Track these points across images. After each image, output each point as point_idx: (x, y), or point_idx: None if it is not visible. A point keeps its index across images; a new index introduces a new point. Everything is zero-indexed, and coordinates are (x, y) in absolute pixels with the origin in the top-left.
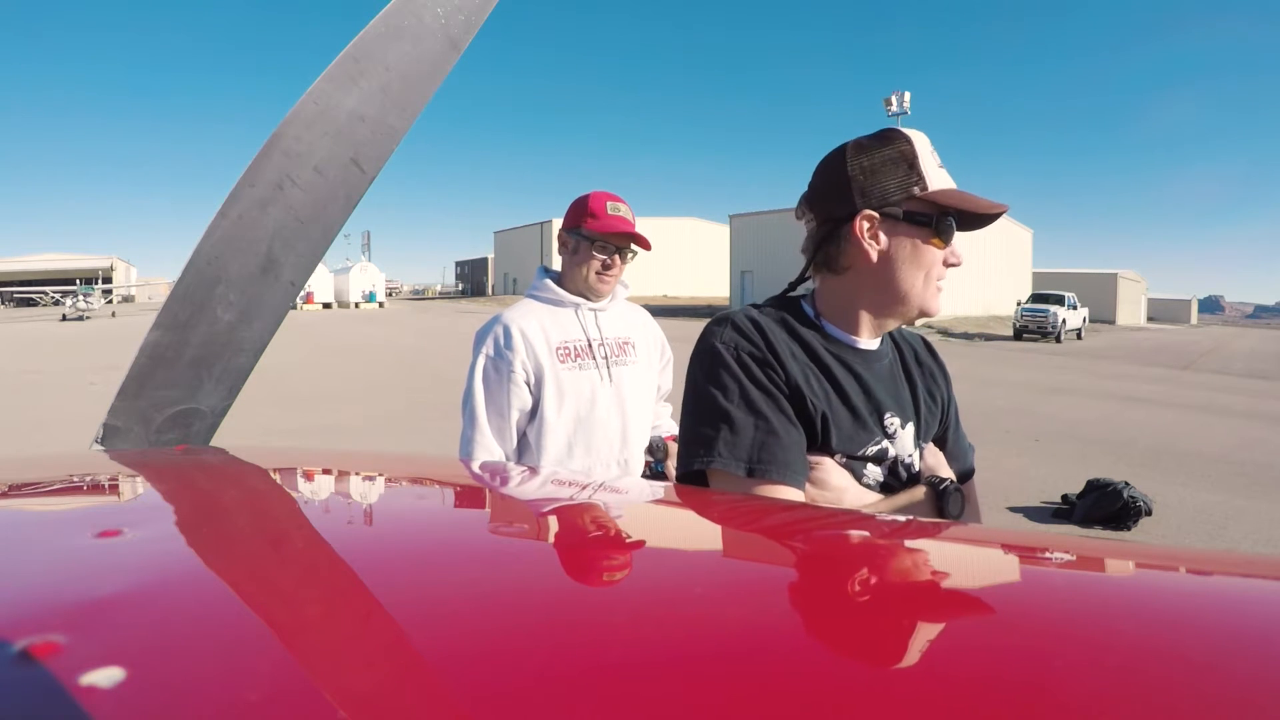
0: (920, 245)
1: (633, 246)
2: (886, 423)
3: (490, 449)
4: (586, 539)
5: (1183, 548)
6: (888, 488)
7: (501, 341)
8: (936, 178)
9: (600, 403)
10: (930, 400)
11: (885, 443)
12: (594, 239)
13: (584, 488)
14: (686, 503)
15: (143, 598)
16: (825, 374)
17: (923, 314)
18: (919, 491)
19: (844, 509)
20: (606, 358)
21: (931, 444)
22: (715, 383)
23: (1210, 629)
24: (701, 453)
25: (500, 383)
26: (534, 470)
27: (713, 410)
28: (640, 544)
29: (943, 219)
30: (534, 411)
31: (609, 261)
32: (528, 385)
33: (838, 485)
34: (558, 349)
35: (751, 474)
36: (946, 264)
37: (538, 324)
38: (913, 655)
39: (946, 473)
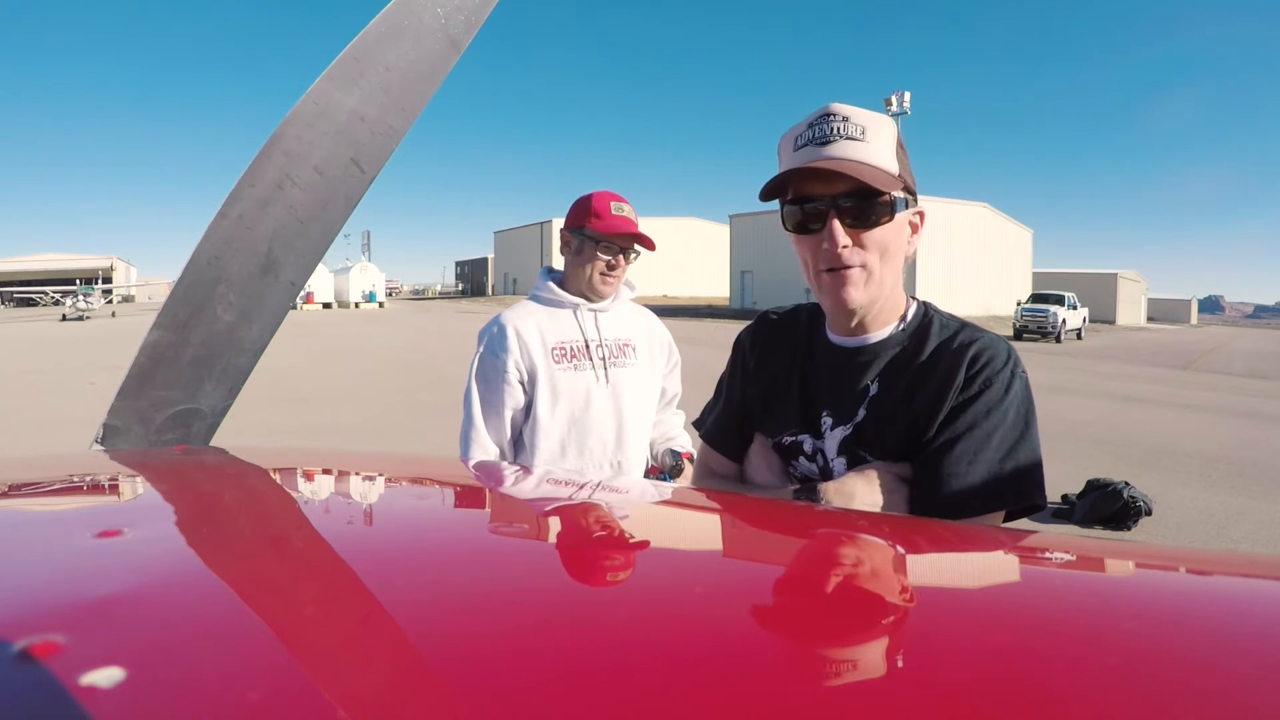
0: (792, 239)
1: (636, 247)
2: (822, 420)
3: (485, 446)
4: (579, 539)
5: (1183, 548)
6: (807, 481)
7: (496, 341)
8: (787, 163)
9: (595, 404)
10: (901, 407)
11: (805, 437)
12: (599, 239)
13: (578, 488)
14: (677, 502)
15: (143, 598)
16: (787, 364)
17: (832, 309)
18: (785, 492)
19: (852, 509)
20: (604, 359)
21: (876, 464)
22: None
23: (1210, 629)
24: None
25: (495, 381)
26: (531, 471)
27: None
28: (632, 543)
29: (784, 206)
30: (528, 411)
31: (613, 262)
32: (522, 385)
33: (751, 460)
34: (554, 349)
35: (697, 427)
36: (826, 251)
37: (534, 324)
38: (913, 655)
39: (841, 493)
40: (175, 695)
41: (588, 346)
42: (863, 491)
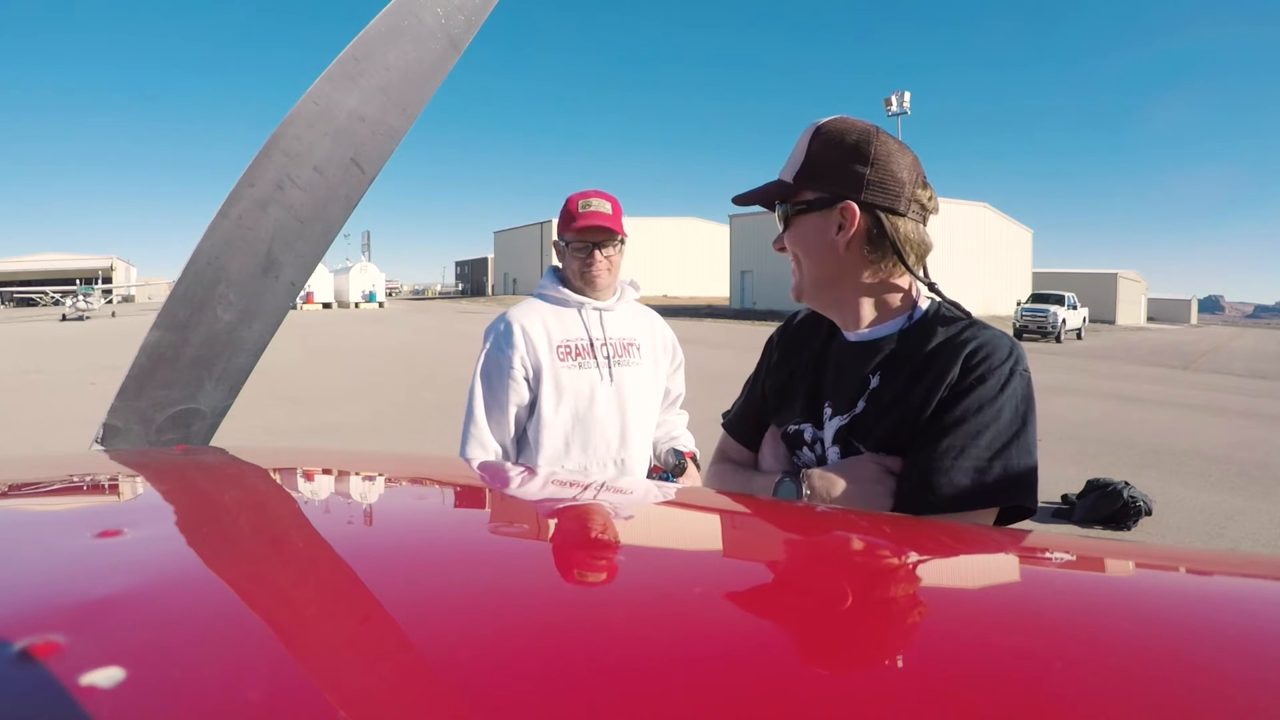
0: None
1: (616, 240)
2: (824, 410)
3: (485, 443)
4: (580, 539)
5: (1183, 548)
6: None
7: (502, 338)
8: None
9: (599, 401)
10: (898, 398)
11: (806, 426)
12: (569, 241)
13: (579, 488)
14: (679, 502)
15: (143, 598)
16: (805, 360)
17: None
18: (773, 477)
19: (849, 509)
20: (609, 357)
21: (866, 454)
22: None
23: (1210, 629)
24: None
25: (500, 377)
26: (532, 470)
27: None
28: (629, 545)
29: None
30: (533, 408)
31: (587, 260)
32: (526, 381)
33: (763, 449)
34: (558, 347)
35: (723, 417)
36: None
37: (540, 322)
38: (912, 655)
39: (825, 479)
40: (175, 695)
41: (592, 345)
42: (846, 479)
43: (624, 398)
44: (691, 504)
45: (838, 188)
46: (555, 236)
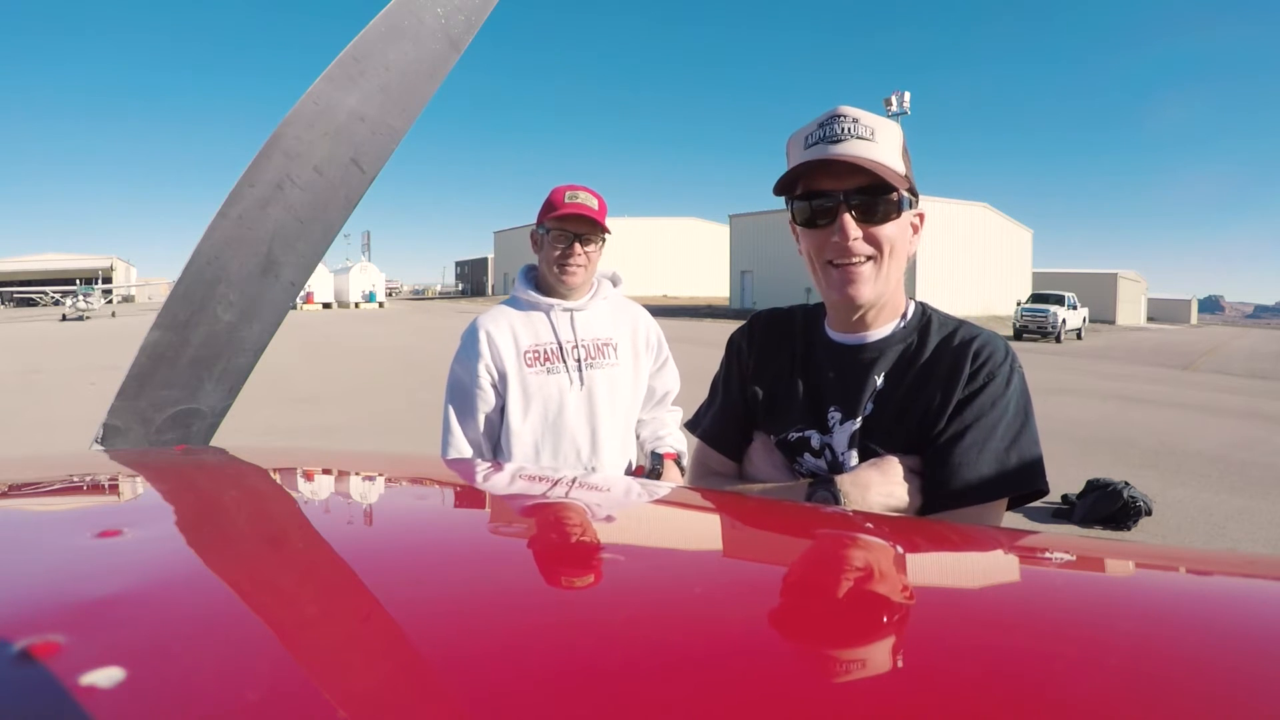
0: (800, 233)
1: (599, 235)
2: (829, 416)
3: (461, 450)
4: (584, 541)
5: (1183, 548)
6: (815, 476)
7: (468, 345)
8: (798, 160)
9: (569, 407)
10: (909, 403)
11: (811, 433)
12: (550, 229)
13: (582, 489)
14: (665, 500)
15: (143, 598)
16: (788, 363)
17: (839, 303)
18: (800, 485)
19: (865, 505)
20: (580, 360)
21: (889, 456)
22: None
23: (1210, 629)
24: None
25: (468, 386)
26: (533, 471)
27: None
28: (641, 546)
29: (791, 201)
30: (502, 415)
31: (567, 250)
32: (494, 389)
33: (752, 458)
34: (526, 352)
35: (691, 428)
36: (835, 244)
37: (508, 327)
38: (912, 655)
39: (858, 484)
40: (175, 695)
41: (561, 348)
42: (878, 482)
43: (595, 402)
44: (713, 508)
45: (915, 192)
46: (535, 226)
